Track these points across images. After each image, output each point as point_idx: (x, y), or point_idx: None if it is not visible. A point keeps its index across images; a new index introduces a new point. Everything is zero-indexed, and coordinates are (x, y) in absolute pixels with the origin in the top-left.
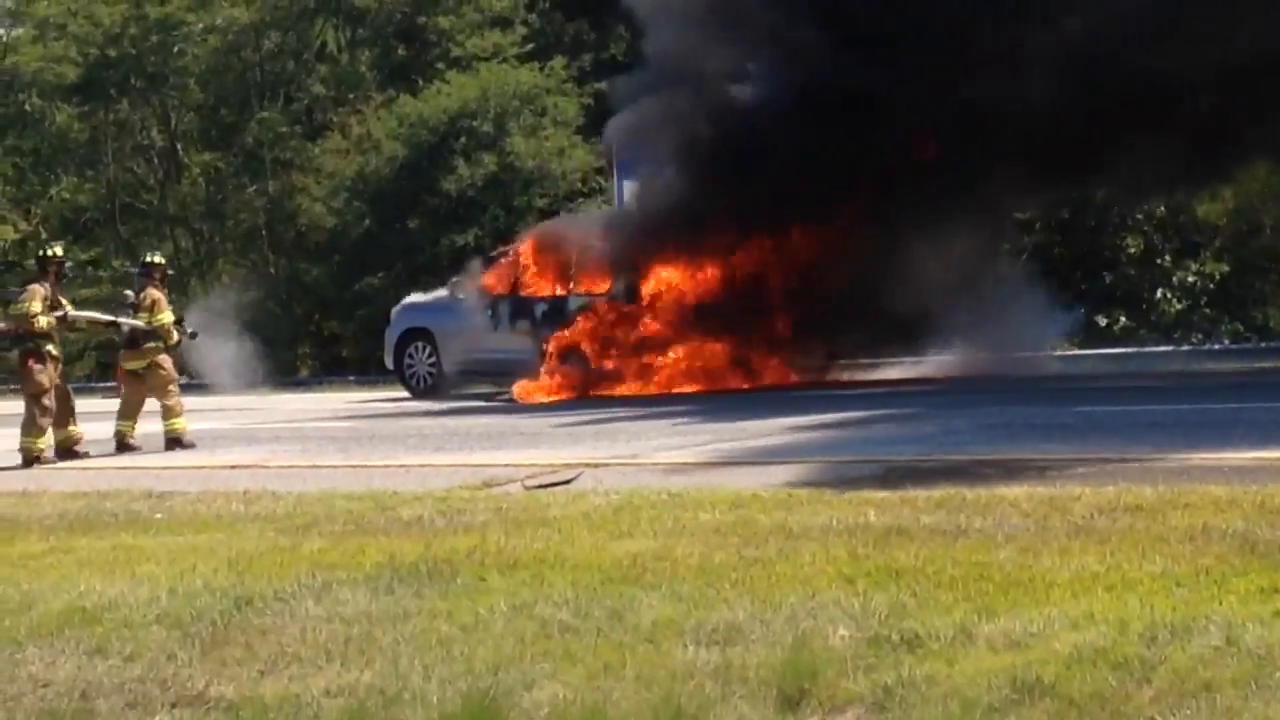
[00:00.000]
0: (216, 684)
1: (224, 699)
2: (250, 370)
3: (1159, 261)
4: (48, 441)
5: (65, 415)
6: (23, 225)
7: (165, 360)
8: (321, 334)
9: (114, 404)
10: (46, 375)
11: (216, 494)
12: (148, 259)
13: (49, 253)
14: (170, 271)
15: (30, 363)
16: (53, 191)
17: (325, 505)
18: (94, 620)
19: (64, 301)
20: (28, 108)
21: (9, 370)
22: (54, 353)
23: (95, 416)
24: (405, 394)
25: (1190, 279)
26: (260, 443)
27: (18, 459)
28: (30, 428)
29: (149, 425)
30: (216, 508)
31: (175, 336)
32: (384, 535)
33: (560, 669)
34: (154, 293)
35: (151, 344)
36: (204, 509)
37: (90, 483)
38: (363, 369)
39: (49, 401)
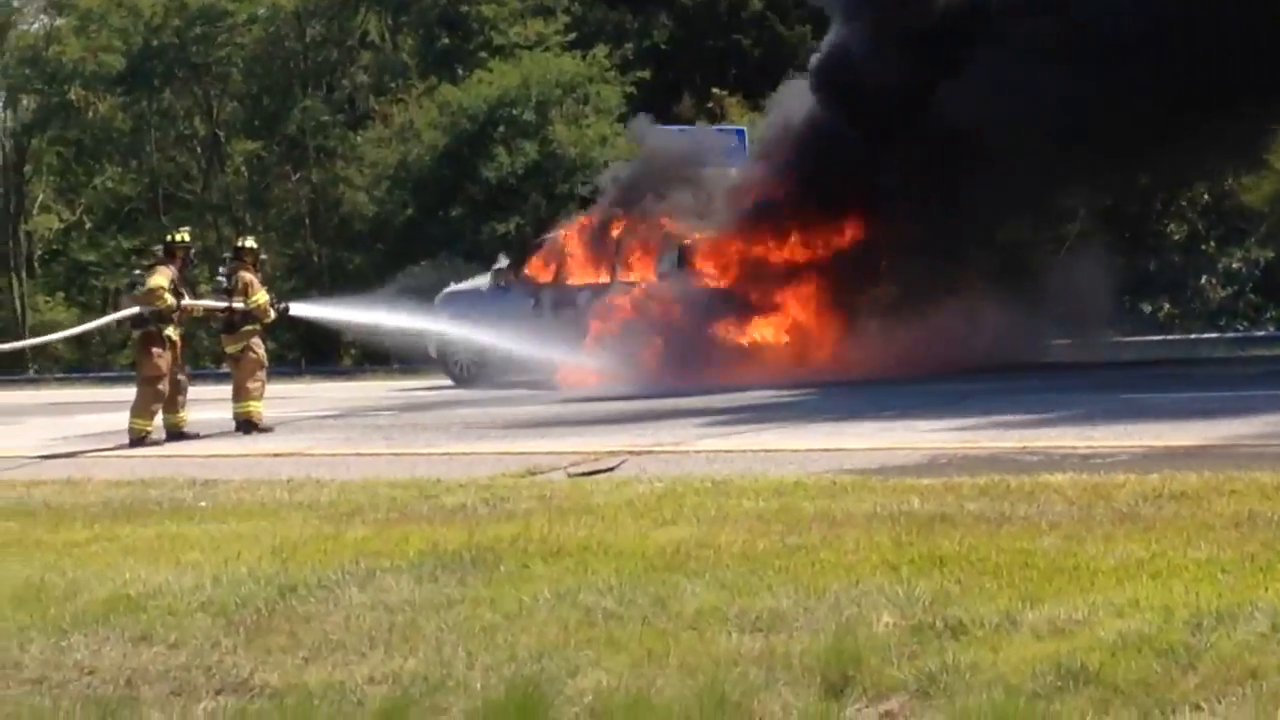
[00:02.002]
0: (261, 671)
1: (268, 686)
2: None
3: (1203, 248)
4: (156, 424)
5: (175, 399)
6: (67, 215)
7: (258, 344)
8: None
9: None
10: (164, 360)
11: (260, 482)
12: (239, 244)
13: (176, 238)
14: (264, 255)
15: (151, 347)
16: (96, 181)
17: (369, 493)
18: (139, 608)
19: (182, 291)
20: (71, 98)
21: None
22: (173, 337)
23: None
24: (448, 382)
25: (1235, 265)
26: (304, 431)
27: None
28: (141, 410)
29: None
30: (260, 495)
31: (271, 315)
32: (428, 523)
33: (604, 656)
34: (246, 275)
35: (248, 327)
36: (248, 497)
37: (135, 471)
38: (405, 357)
39: (163, 387)
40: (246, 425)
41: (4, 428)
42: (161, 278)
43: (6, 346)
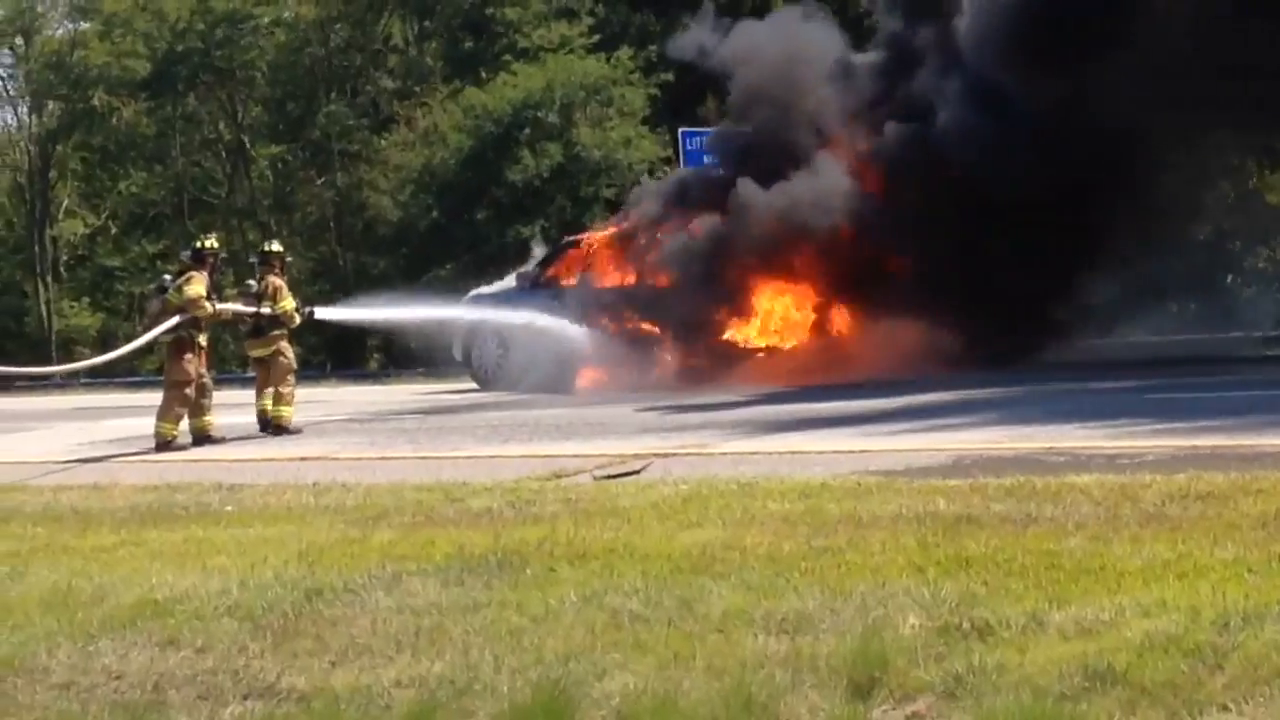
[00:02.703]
0: (288, 675)
1: (295, 690)
2: None
3: (1229, 247)
4: (182, 429)
5: (200, 403)
6: (92, 220)
7: (287, 348)
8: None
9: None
10: (194, 366)
11: (286, 486)
12: (265, 248)
13: (205, 244)
14: (289, 258)
15: (183, 352)
16: (121, 186)
17: (395, 497)
18: (166, 612)
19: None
20: (96, 103)
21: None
22: (202, 343)
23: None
24: (473, 385)
25: (1261, 265)
26: (329, 435)
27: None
28: (166, 414)
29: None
30: (287, 500)
31: (298, 320)
32: (454, 526)
33: (631, 659)
34: (274, 280)
35: (276, 331)
36: (274, 501)
37: (161, 475)
38: (430, 361)
39: (190, 392)
40: (278, 429)
41: (32, 433)
42: (199, 285)
43: (67, 367)
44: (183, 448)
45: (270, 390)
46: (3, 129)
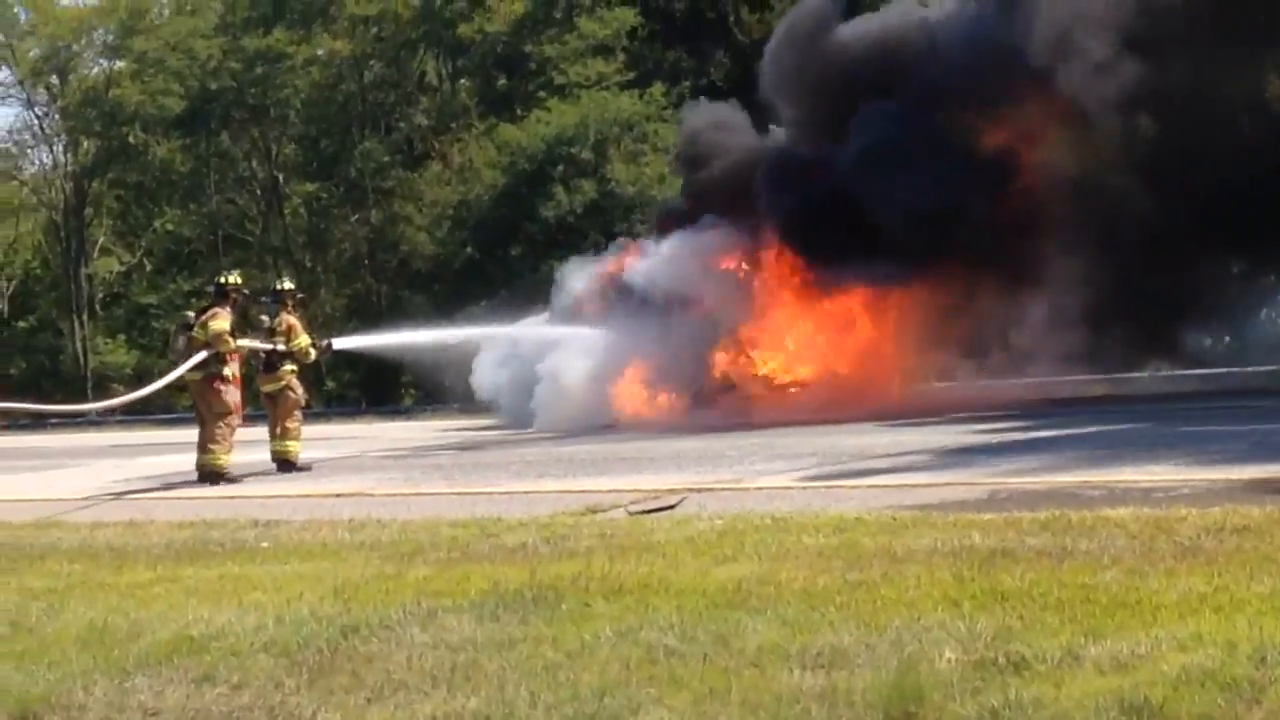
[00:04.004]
0: (323, 712)
1: None
2: None
3: (1266, 279)
4: (230, 459)
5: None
6: (127, 258)
7: (296, 384)
8: (424, 361)
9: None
10: (231, 396)
11: (322, 522)
12: (278, 286)
13: (228, 280)
14: (302, 295)
15: (218, 385)
16: (156, 224)
17: (430, 532)
18: (201, 649)
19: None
20: (131, 140)
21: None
22: (228, 375)
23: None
24: (507, 421)
25: None
26: (364, 471)
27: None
28: (215, 445)
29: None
30: (322, 536)
31: (312, 356)
32: (489, 562)
33: (666, 694)
34: (288, 318)
35: (286, 367)
36: (309, 537)
37: (197, 512)
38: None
39: (236, 421)
40: (285, 465)
41: (68, 470)
42: (224, 321)
43: (102, 405)
44: (234, 480)
45: (280, 426)
46: (39, 167)
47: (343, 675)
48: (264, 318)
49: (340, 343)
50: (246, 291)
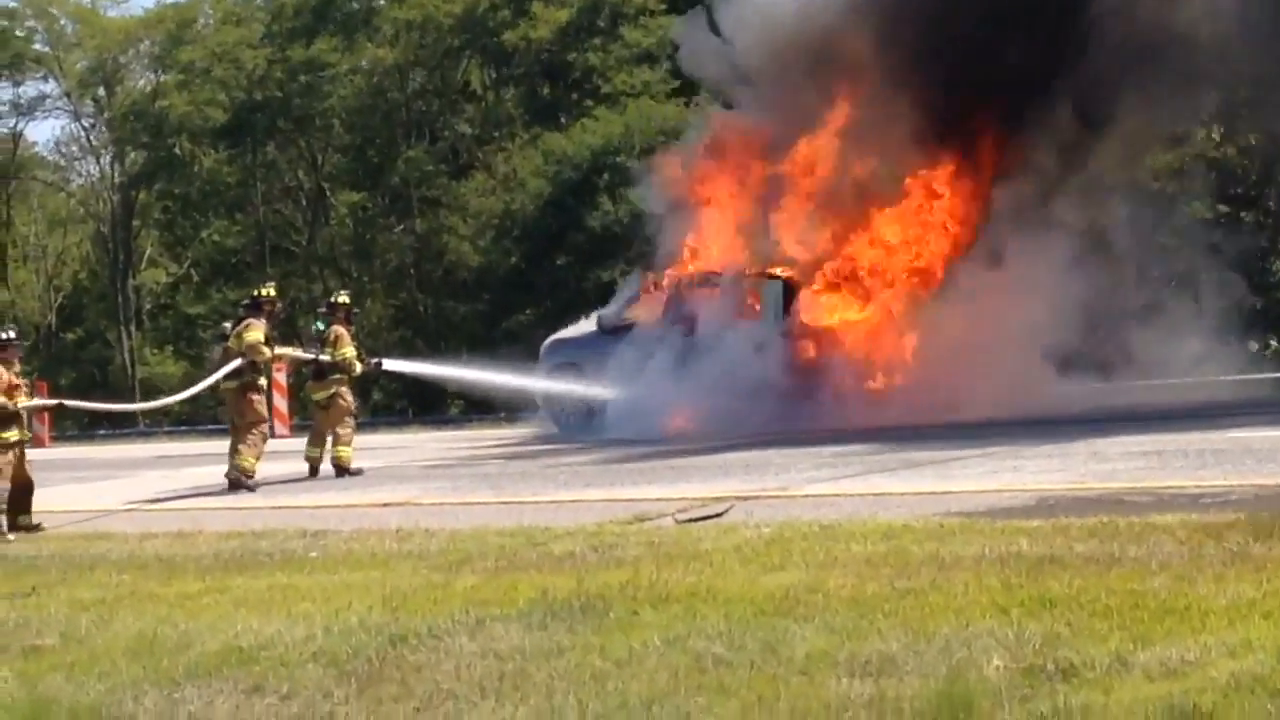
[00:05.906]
0: None
1: None
2: None
3: None
4: (258, 467)
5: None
6: (174, 269)
7: (346, 393)
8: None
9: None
10: (263, 407)
11: (369, 532)
12: (334, 299)
13: (264, 292)
14: (356, 310)
15: (251, 395)
16: (203, 235)
17: (478, 542)
18: (251, 659)
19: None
20: (177, 151)
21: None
22: (262, 385)
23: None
24: (554, 430)
25: None
26: (411, 480)
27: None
28: (246, 452)
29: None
30: (370, 545)
31: (358, 368)
32: (536, 571)
33: (714, 702)
34: (338, 329)
35: (335, 376)
36: (357, 547)
37: (245, 522)
38: (510, 406)
39: (265, 430)
40: (337, 469)
41: (116, 481)
42: (258, 331)
43: (147, 405)
44: (251, 490)
45: (325, 436)
46: (86, 179)
47: (391, 685)
48: (318, 325)
49: (391, 364)
50: (281, 303)
